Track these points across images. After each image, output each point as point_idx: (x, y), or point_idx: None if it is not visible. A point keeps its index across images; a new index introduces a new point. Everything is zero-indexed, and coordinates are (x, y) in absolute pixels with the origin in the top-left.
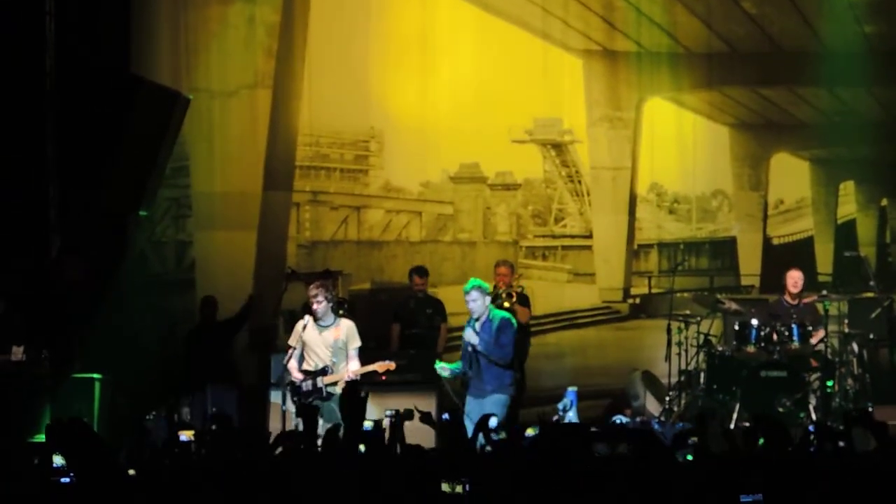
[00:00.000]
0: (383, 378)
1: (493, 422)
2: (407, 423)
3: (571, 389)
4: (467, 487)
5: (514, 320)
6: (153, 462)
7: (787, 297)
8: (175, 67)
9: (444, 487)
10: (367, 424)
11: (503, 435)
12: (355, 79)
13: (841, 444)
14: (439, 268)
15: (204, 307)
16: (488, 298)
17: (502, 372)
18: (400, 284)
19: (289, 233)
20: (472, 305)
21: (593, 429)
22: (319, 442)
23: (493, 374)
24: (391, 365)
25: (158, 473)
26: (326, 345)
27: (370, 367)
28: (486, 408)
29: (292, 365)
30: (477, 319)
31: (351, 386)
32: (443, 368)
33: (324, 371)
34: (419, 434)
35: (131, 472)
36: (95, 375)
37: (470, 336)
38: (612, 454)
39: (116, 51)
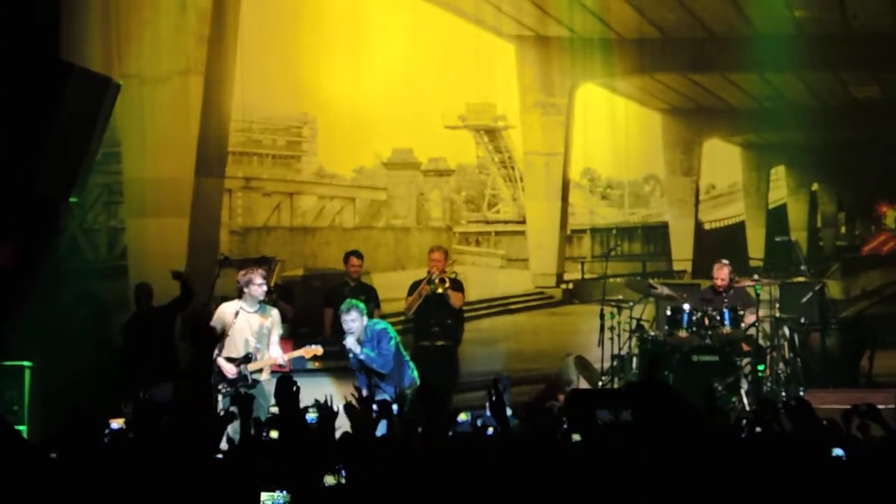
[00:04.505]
0: (317, 365)
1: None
2: None
3: (505, 376)
4: (344, 476)
5: (389, 329)
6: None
7: (716, 281)
8: (106, 53)
9: (329, 480)
10: (312, 416)
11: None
12: (288, 64)
13: (758, 429)
14: (373, 254)
15: (139, 296)
16: (366, 319)
17: (399, 378)
18: (333, 270)
19: (221, 219)
20: (351, 325)
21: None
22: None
23: (390, 383)
24: (318, 350)
25: (83, 463)
26: (252, 331)
27: (296, 353)
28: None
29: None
30: (357, 340)
31: (283, 380)
32: (354, 344)
33: (247, 358)
34: None
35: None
36: (26, 363)
37: (352, 344)
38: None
39: (47, 37)
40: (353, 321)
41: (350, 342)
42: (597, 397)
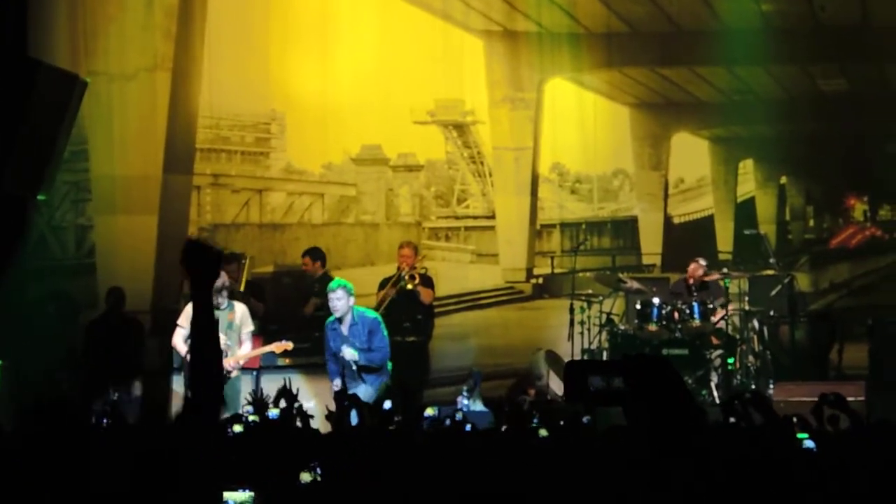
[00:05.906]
0: (288, 361)
1: (387, 404)
2: None
3: (476, 370)
4: (319, 472)
5: (380, 319)
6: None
7: (688, 279)
8: (73, 50)
9: (305, 477)
10: (274, 412)
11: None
12: (255, 60)
13: (732, 420)
14: (343, 250)
15: (109, 297)
16: (352, 300)
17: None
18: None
19: (190, 216)
20: (336, 304)
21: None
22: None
23: (371, 374)
24: (288, 345)
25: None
26: (222, 328)
27: (266, 349)
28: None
29: (182, 346)
30: (340, 320)
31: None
32: (353, 355)
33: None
34: None
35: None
36: None
37: (351, 355)
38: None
39: (13, 34)
40: (339, 300)
41: (349, 354)
42: (591, 366)
